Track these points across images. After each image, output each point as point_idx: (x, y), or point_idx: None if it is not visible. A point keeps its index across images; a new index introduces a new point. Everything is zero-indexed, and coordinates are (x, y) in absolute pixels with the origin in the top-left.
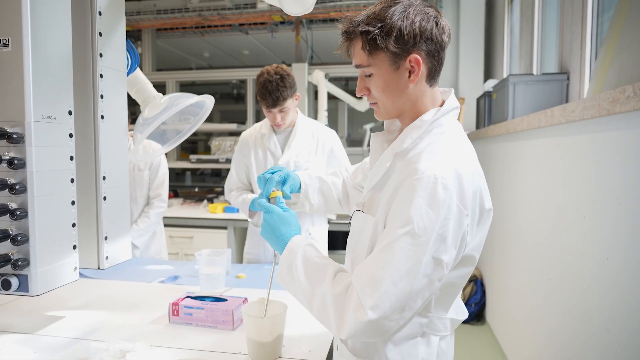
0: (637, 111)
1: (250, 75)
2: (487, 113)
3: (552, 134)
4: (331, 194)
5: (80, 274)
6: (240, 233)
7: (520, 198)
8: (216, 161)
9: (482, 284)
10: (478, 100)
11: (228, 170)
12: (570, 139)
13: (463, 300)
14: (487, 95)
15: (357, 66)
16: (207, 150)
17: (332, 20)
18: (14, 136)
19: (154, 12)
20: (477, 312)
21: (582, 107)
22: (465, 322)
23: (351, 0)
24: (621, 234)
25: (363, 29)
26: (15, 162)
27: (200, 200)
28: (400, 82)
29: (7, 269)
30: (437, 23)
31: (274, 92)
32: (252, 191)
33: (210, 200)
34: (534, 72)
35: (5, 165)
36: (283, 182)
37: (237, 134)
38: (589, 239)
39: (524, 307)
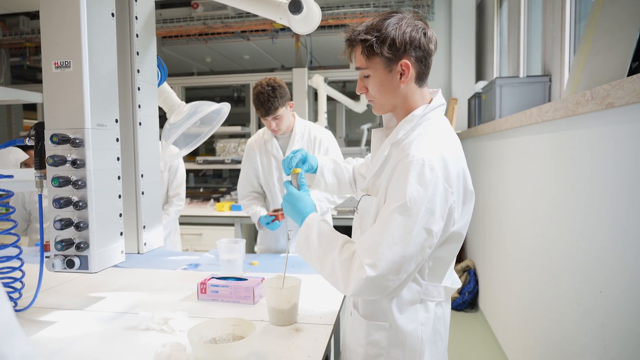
0: (594, 112)
1: (252, 79)
2: (477, 113)
3: (531, 132)
4: (343, 176)
5: None
6: (247, 229)
7: (507, 192)
8: (222, 162)
9: (475, 274)
10: (469, 100)
11: (231, 170)
12: (545, 137)
13: (458, 290)
14: (477, 96)
15: (357, 68)
16: (210, 152)
17: (330, 27)
18: (77, 141)
19: (160, 21)
20: (470, 300)
21: (554, 109)
22: (459, 309)
23: (348, 9)
24: (586, 219)
25: (363, 37)
26: (78, 162)
27: (206, 199)
28: (393, 83)
29: (71, 251)
30: (424, 34)
31: (265, 102)
32: (263, 194)
33: (217, 200)
34: (521, 74)
35: (69, 165)
36: (303, 160)
37: (241, 135)
38: (562, 224)
39: (511, 292)
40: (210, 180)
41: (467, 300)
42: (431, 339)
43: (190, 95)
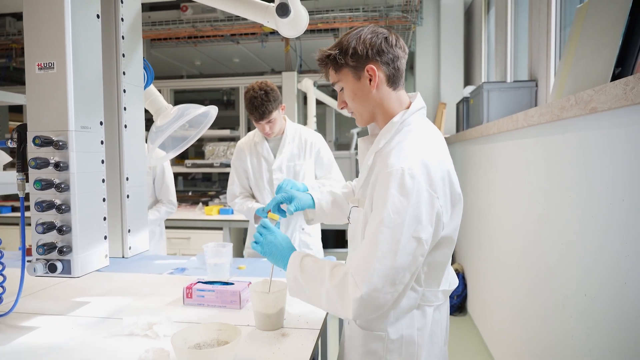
0: (578, 117)
1: (242, 83)
2: (466, 117)
3: (518, 137)
4: (345, 205)
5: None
6: (235, 233)
7: (495, 196)
8: (211, 165)
9: (463, 277)
10: (457, 105)
11: (220, 174)
12: (531, 141)
13: None
14: (465, 100)
15: (332, 84)
16: (199, 155)
17: (319, 30)
18: (60, 143)
19: (149, 24)
20: (459, 304)
21: (539, 113)
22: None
23: (337, 13)
24: (572, 223)
25: (327, 54)
26: (61, 165)
27: (195, 203)
28: (364, 89)
29: (53, 255)
30: (385, 38)
31: (260, 107)
32: (254, 196)
33: (205, 203)
34: (508, 79)
35: (52, 167)
36: (289, 200)
37: (230, 139)
38: (549, 228)
39: (499, 296)
40: (199, 183)
41: (455, 304)
42: (428, 341)
43: (180, 98)
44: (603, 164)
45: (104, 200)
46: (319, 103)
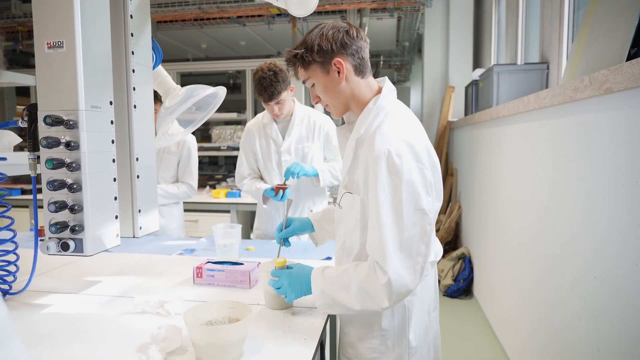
0: (592, 98)
1: (248, 66)
2: (475, 100)
3: (529, 119)
4: None
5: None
6: (243, 216)
7: (503, 180)
8: (218, 149)
9: (470, 261)
10: (466, 88)
11: (227, 157)
12: (542, 123)
13: (452, 277)
14: (474, 83)
15: (303, 82)
16: (205, 139)
17: (327, 12)
18: (70, 122)
19: (155, 5)
20: (465, 287)
21: (551, 95)
22: (454, 296)
23: None
24: (583, 206)
25: (294, 53)
26: (72, 144)
27: (202, 186)
28: (334, 82)
29: (66, 233)
30: (346, 32)
31: (268, 87)
32: (262, 177)
33: (213, 187)
34: (519, 61)
35: (63, 147)
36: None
37: (236, 122)
38: (559, 211)
39: (505, 279)
40: (206, 167)
41: (461, 287)
42: (418, 307)
43: (186, 81)
44: (618, 146)
45: (114, 180)
46: None
